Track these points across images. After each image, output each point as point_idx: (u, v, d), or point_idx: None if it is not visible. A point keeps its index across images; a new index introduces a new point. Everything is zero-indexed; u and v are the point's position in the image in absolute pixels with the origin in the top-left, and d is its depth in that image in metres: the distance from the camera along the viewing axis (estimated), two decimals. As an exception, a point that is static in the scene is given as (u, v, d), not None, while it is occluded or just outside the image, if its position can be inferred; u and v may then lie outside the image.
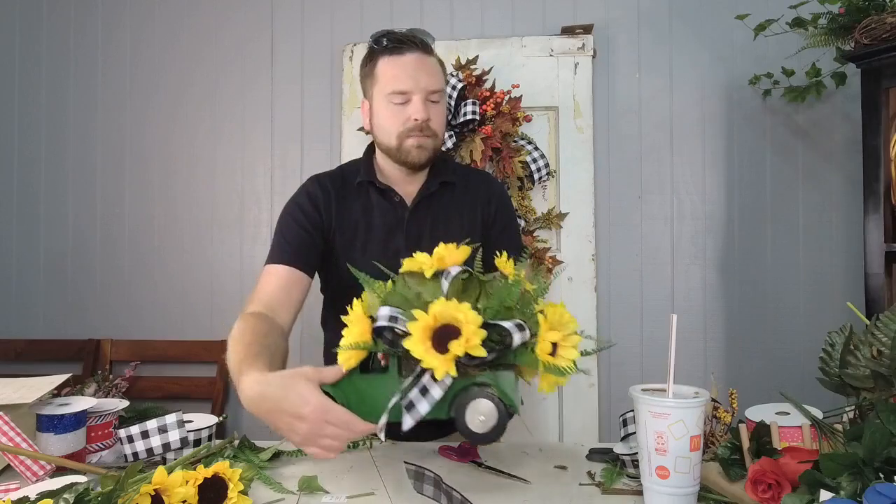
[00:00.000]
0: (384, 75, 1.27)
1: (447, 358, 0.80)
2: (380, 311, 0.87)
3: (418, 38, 1.29)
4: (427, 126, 1.27)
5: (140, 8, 2.65)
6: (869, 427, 0.74)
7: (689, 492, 0.85)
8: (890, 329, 0.88)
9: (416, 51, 1.27)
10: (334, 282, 1.38)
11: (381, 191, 1.35)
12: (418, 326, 0.82)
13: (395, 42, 1.27)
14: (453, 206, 1.36)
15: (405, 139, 1.27)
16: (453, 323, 0.82)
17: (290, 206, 1.36)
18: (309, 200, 1.33)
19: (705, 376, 2.29)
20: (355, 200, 1.35)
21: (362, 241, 1.33)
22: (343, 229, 1.33)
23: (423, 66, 1.27)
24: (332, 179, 1.38)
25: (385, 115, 1.28)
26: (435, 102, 1.28)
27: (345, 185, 1.37)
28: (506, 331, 0.83)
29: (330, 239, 1.33)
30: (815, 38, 1.99)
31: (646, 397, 0.85)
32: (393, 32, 1.29)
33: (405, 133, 1.27)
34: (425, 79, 1.26)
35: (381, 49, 1.28)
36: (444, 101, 1.32)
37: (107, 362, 2.53)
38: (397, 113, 1.27)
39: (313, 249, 1.31)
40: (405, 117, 1.26)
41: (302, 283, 1.29)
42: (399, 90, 1.25)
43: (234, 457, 1.10)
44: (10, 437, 1.00)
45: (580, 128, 2.34)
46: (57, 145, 2.67)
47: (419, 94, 1.25)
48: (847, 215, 2.30)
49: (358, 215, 1.34)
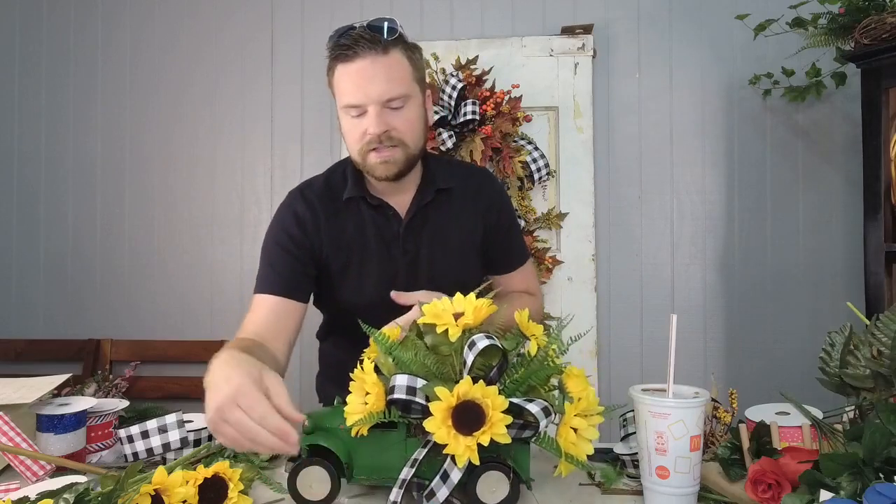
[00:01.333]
0: (339, 86, 1.15)
1: (471, 445, 0.78)
2: (396, 380, 0.84)
3: (372, 34, 1.12)
4: (388, 137, 1.13)
5: (140, 8, 2.65)
6: (869, 427, 0.74)
7: (689, 492, 0.85)
8: (890, 329, 0.88)
9: (368, 53, 1.11)
10: (330, 303, 1.31)
11: (374, 206, 1.24)
12: (440, 407, 0.79)
13: (344, 47, 1.12)
14: (451, 215, 1.27)
15: (367, 155, 1.15)
16: (477, 402, 0.79)
17: (274, 229, 1.24)
18: (296, 223, 1.22)
19: (705, 376, 2.29)
20: (346, 218, 1.24)
21: (357, 262, 1.24)
22: (336, 252, 1.23)
23: (379, 70, 1.11)
24: (319, 195, 1.25)
25: (346, 129, 1.17)
26: (397, 108, 1.13)
27: (333, 201, 1.25)
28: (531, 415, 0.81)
29: (322, 262, 1.24)
30: (815, 38, 1.99)
31: (646, 397, 0.85)
32: (346, 33, 1.14)
33: (365, 148, 1.14)
34: (379, 87, 1.10)
35: (335, 55, 1.15)
36: (413, 103, 1.16)
37: (107, 362, 2.53)
38: (355, 126, 1.14)
39: (305, 277, 1.22)
40: (362, 131, 1.13)
41: (296, 312, 1.19)
42: (351, 104, 1.12)
43: (234, 457, 1.10)
44: (10, 437, 1.00)
45: (580, 128, 2.34)
46: (57, 145, 2.67)
47: (374, 106, 1.11)
48: (847, 215, 2.30)
49: (350, 235, 1.24)
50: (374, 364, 0.89)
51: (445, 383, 0.83)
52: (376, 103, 1.11)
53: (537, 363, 0.88)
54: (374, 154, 1.15)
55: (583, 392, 0.88)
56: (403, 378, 0.84)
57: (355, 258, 1.24)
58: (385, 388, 0.86)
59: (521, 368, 0.88)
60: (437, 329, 0.87)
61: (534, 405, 0.81)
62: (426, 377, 0.86)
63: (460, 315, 0.87)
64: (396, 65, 1.14)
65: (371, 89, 1.11)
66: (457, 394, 0.79)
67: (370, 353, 0.95)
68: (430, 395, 0.82)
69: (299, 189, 1.28)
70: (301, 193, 1.26)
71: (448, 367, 0.88)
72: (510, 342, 0.91)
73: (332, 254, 1.23)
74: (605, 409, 0.89)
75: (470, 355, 0.83)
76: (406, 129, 1.15)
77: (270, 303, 1.18)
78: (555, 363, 0.89)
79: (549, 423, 0.83)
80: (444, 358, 0.88)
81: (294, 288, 1.20)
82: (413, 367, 0.87)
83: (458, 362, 0.88)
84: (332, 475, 0.88)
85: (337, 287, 1.25)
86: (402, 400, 0.83)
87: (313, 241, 1.22)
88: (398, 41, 1.15)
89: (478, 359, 0.83)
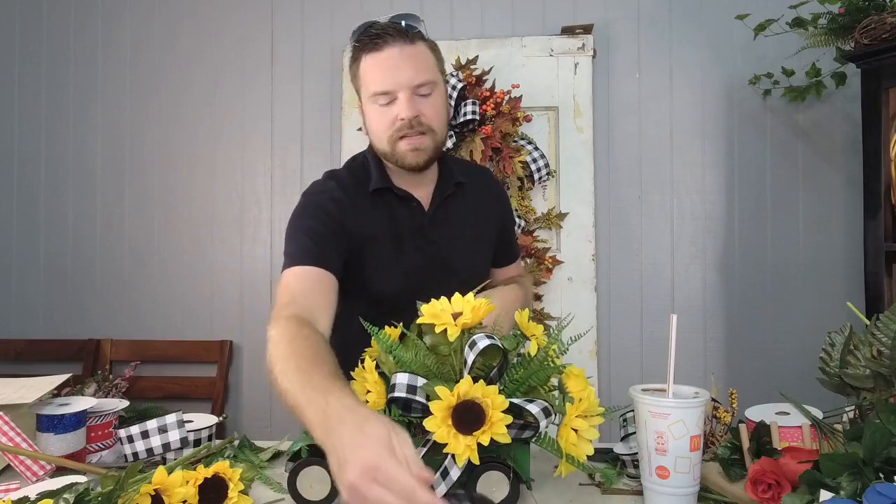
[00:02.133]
0: (366, 75, 1.18)
1: (471, 445, 0.78)
2: (397, 379, 0.84)
3: (399, 25, 1.17)
4: (418, 122, 1.15)
5: (140, 8, 2.65)
6: (869, 427, 0.74)
7: (689, 492, 0.85)
8: (890, 329, 0.88)
9: (396, 42, 1.15)
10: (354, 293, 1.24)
11: (400, 197, 1.24)
12: (441, 406, 0.79)
13: (373, 36, 1.16)
14: (467, 209, 1.29)
15: (396, 142, 1.17)
16: (477, 401, 0.79)
17: (308, 209, 1.21)
18: (332, 201, 1.21)
19: (705, 376, 2.29)
20: (374, 208, 1.24)
21: (385, 251, 1.23)
22: (366, 239, 1.22)
23: (406, 59, 1.15)
24: (348, 184, 1.25)
25: (373, 117, 1.19)
26: (425, 95, 1.16)
27: (359, 192, 1.24)
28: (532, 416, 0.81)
29: (352, 246, 1.20)
30: (815, 38, 1.99)
31: (646, 397, 0.85)
32: (373, 25, 1.18)
33: (395, 135, 1.16)
34: (409, 73, 1.14)
35: (362, 46, 1.18)
36: (438, 92, 1.19)
37: (107, 362, 2.53)
38: (384, 114, 1.17)
39: (338, 255, 1.17)
40: (392, 118, 1.16)
41: (334, 286, 1.13)
42: (381, 90, 1.15)
43: (234, 457, 1.10)
44: (10, 437, 1.00)
45: (580, 128, 2.34)
46: (57, 145, 2.67)
47: (404, 91, 1.14)
48: (847, 215, 2.30)
49: (379, 224, 1.23)
50: (375, 362, 0.89)
51: (446, 383, 0.83)
52: (406, 89, 1.14)
53: (537, 363, 0.88)
54: (404, 141, 1.17)
55: (583, 392, 0.88)
56: (404, 376, 0.84)
57: (384, 247, 1.23)
58: (386, 387, 0.86)
59: (521, 368, 0.88)
60: (436, 329, 0.87)
61: (534, 405, 0.81)
62: (427, 376, 0.86)
63: (459, 315, 0.87)
64: (422, 54, 1.18)
65: (401, 75, 1.14)
66: (457, 393, 0.79)
67: (371, 351, 0.95)
68: (430, 394, 0.82)
69: (328, 175, 1.28)
70: (332, 178, 1.26)
71: (448, 367, 0.88)
72: (511, 342, 0.91)
73: (363, 240, 1.21)
74: (606, 410, 0.90)
75: (471, 355, 0.83)
76: (434, 115, 1.18)
77: (312, 273, 1.11)
78: (555, 363, 0.89)
79: (549, 423, 0.83)
80: (443, 358, 0.88)
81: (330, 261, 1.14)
82: (413, 367, 0.87)
83: (457, 362, 0.88)
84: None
85: (364, 275, 1.23)
86: (402, 398, 0.83)
87: (346, 221, 1.20)
88: (421, 35, 1.20)
89: (478, 358, 0.83)
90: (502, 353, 0.86)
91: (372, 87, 1.16)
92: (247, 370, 2.55)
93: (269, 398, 2.52)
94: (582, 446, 0.85)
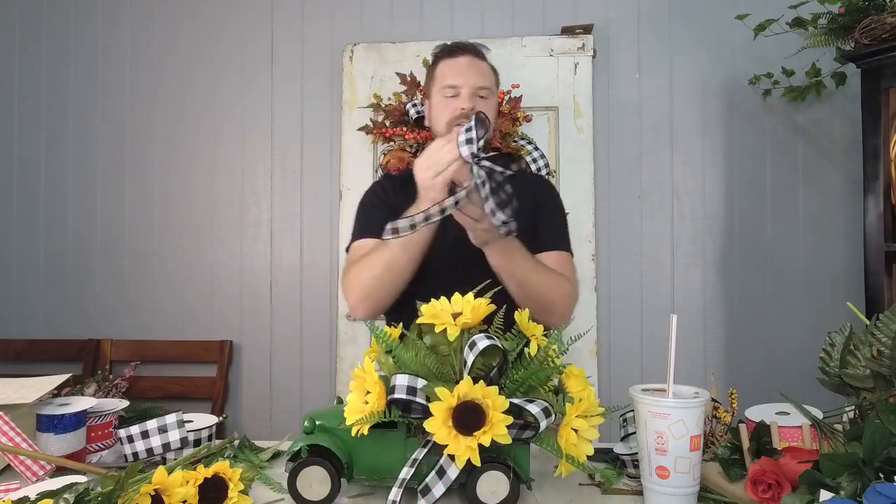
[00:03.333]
0: (440, 74, 1.47)
1: (471, 445, 0.78)
2: (396, 380, 0.84)
3: (473, 45, 1.51)
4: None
5: (140, 8, 2.65)
6: (869, 427, 0.74)
7: (689, 492, 0.85)
8: (890, 329, 0.88)
9: (468, 55, 1.47)
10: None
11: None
12: (441, 407, 0.79)
13: (451, 48, 1.49)
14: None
15: (453, 127, 1.32)
16: (477, 402, 0.79)
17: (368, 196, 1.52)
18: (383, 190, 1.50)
19: (705, 376, 2.29)
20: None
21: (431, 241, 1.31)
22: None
23: (473, 67, 1.45)
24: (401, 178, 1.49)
25: (438, 106, 1.46)
26: (483, 98, 1.43)
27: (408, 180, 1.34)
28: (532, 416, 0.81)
29: None
30: (815, 38, 1.99)
31: (646, 397, 0.85)
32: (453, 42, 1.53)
33: (454, 121, 1.39)
34: (474, 76, 1.43)
35: (441, 54, 1.50)
36: (493, 100, 1.47)
37: (107, 362, 2.53)
38: (448, 104, 1.43)
39: None
40: (454, 107, 1.42)
41: None
42: (450, 84, 1.43)
43: (234, 457, 1.10)
44: (10, 437, 1.00)
45: (580, 128, 2.34)
46: (57, 145, 2.68)
47: (468, 89, 1.42)
48: (847, 215, 2.30)
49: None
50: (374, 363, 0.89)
51: (446, 383, 0.83)
52: (469, 87, 1.43)
53: (537, 363, 0.88)
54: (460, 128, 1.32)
55: (583, 392, 0.88)
56: (404, 378, 0.84)
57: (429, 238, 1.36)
58: (385, 388, 0.86)
59: (521, 369, 0.88)
60: (436, 329, 0.87)
61: (534, 406, 0.81)
62: (426, 377, 0.86)
63: (459, 315, 0.87)
64: (486, 69, 1.49)
65: (469, 76, 1.44)
66: (457, 394, 0.79)
67: (371, 351, 0.95)
68: (430, 396, 0.82)
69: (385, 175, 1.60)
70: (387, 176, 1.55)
71: (448, 368, 0.88)
72: (511, 342, 0.91)
73: None
74: (606, 410, 0.90)
75: (470, 355, 0.83)
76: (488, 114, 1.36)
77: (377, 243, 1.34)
78: (555, 363, 0.89)
79: (549, 423, 0.83)
80: (443, 358, 0.88)
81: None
82: (413, 367, 0.87)
83: (457, 362, 0.88)
84: (332, 475, 0.88)
85: None
86: (402, 400, 0.83)
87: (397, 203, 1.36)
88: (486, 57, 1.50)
89: (478, 359, 0.83)
90: (502, 353, 0.86)
91: (442, 81, 1.45)
92: (247, 370, 2.55)
93: (269, 398, 2.52)
94: (582, 446, 0.85)
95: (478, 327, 0.90)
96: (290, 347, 2.53)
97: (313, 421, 0.92)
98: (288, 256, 2.55)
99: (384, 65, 2.40)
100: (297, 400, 2.49)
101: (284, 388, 2.51)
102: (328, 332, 2.48)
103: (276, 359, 2.53)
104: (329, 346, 2.47)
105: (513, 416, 0.80)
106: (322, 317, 2.50)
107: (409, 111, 2.26)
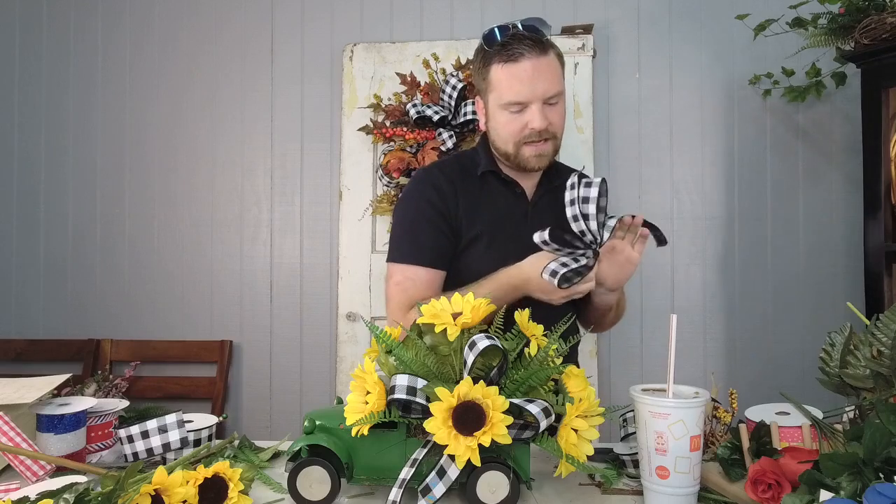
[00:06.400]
0: (500, 84, 1.23)
1: (471, 445, 0.78)
2: (396, 380, 0.84)
3: (534, 36, 1.22)
4: (546, 131, 1.24)
5: (140, 8, 2.65)
6: (869, 427, 0.74)
7: (689, 492, 0.85)
8: (890, 329, 0.88)
9: (532, 55, 1.21)
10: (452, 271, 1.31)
11: (505, 182, 1.32)
12: (441, 407, 0.79)
13: (507, 46, 1.22)
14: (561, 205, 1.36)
15: (522, 147, 1.25)
16: (477, 402, 0.79)
17: (414, 201, 1.31)
18: (437, 194, 1.28)
19: (705, 376, 2.29)
20: (479, 192, 1.32)
21: (488, 233, 1.29)
22: (470, 222, 1.29)
23: (540, 72, 1.21)
24: (452, 171, 1.33)
25: (502, 122, 1.25)
26: (553, 105, 1.24)
27: (465, 177, 1.32)
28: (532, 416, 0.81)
29: (457, 230, 1.29)
30: (815, 38, 1.99)
31: (646, 397, 0.85)
32: (506, 31, 1.23)
33: (522, 141, 1.24)
34: (543, 85, 1.21)
35: (496, 53, 1.23)
36: (563, 100, 1.27)
37: (107, 362, 2.53)
38: (514, 120, 1.23)
39: (450, 248, 1.29)
40: (522, 125, 1.23)
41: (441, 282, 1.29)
42: (516, 101, 1.22)
43: (234, 457, 1.10)
44: (10, 437, 1.00)
45: (580, 128, 2.34)
46: (57, 145, 2.67)
47: (536, 103, 1.22)
48: (847, 215, 2.30)
49: (484, 207, 1.30)
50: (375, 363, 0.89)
51: (446, 383, 0.83)
52: (539, 100, 1.22)
53: (537, 363, 0.88)
54: (529, 147, 1.25)
55: (583, 392, 0.88)
56: (404, 378, 0.84)
57: (487, 229, 1.30)
58: (386, 388, 0.86)
59: (521, 369, 0.88)
60: (436, 329, 0.87)
61: (534, 406, 0.81)
62: (427, 377, 0.86)
63: (459, 315, 0.87)
64: (553, 66, 1.24)
65: (537, 87, 1.21)
66: (457, 394, 0.79)
67: (371, 352, 0.95)
68: (430, 396, 0.82)
69: (433, 166, 1.39)
70: (437, 168, 1.36)
71: (448, 368, 0.88)
72: (510, 343, 0.91)
73: (467, 223, 1.30)
74: (606, 410, 0.90)
75: (470, 356, 0.83)
76: (559, 123, 1.27)
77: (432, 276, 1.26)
78: (555, 363, 0.89)
79: (549, 423, 0.83)
80: (444, 358, 0.88)
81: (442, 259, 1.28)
82: (413, 367, 0.87)
83: (457, 362, 0.88)
84: (332, 475, 0.88)
85: (463, 254, 1.30)
86: (402, 400, 0.83)
87: (451, 208, 1.29)
88: (551, 43, 1.25)
89: (478, 359, 0.83)
90: (502, 353, 0.86)
91: (506, 97, 1.23)
92: (247, 370, 2.55)
93: (269, 398, 2.52)
94: (582, 446, 0.85)
95: (478, 327, 0.90)
96: (290, 347, 2.53)
97: (313, 421, 0.92)
98: (288, 256, 2.55)
99: (384, 65, 2.40)
100: (297, 400, 2.49)
101: (284, 388, 2.51)
102: (328, 332, 2.48)
103: (275, 359, 2.53)
104: (329, 346, 2.47)
105: (513, 416, 0.80)
106: (322, 317, 2.50)
107: (409, 111, 2.26)
